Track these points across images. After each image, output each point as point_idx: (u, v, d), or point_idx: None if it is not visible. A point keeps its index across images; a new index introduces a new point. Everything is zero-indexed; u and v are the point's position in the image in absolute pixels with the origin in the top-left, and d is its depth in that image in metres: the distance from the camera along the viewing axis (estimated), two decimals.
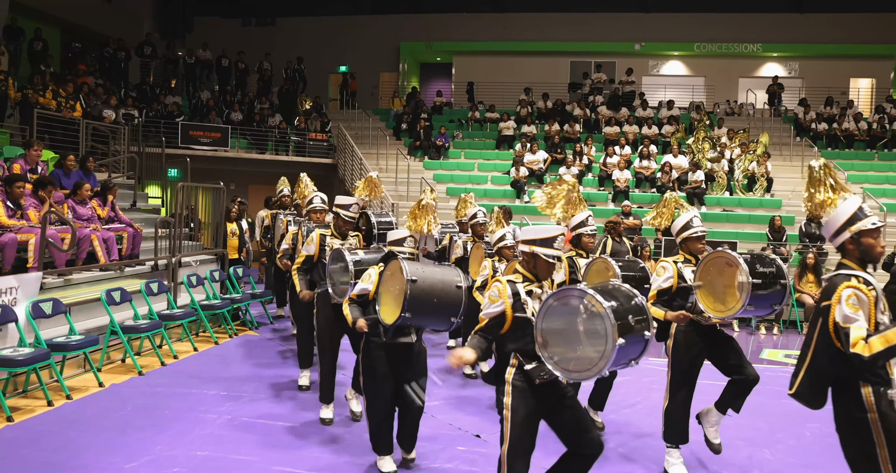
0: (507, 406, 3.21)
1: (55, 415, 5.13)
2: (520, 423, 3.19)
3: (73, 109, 10.69)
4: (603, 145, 15.27)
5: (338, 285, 4.77)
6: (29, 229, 6.59)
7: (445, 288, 3.69)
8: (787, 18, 19.34)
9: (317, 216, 6.14)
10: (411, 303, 3.60)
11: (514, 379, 3.21)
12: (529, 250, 3.30)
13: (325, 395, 5.16)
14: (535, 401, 3.21)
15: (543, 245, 3.28)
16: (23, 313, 5.70)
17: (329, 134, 16.87)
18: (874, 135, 15.59)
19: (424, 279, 3.63)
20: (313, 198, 6.27)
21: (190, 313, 7.46)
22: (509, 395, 3.21)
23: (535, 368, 3.17)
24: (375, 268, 4.16)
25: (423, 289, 3.62)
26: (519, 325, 3.21)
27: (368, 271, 4.15)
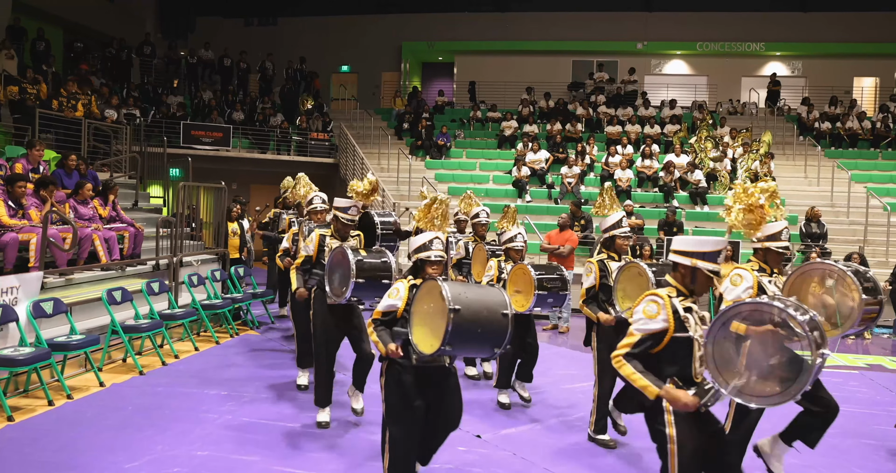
0: (672, 439, 2.88)
1: (56, 415, 5.12)
2: (689, 456, 2.87)
3: (75, 108, 10.70)
4: (605, 145, 15.24)
5: (336, 286, 4.64)
6: (30, 229, 6.60)
7: (491, 316, 3.20)
8: (790, 17, 19.29)
9: (318, 216, 6.06)
10: (453, 335, 3.12)
11: (675, 408, 2.88)
12: (691, 264, 3.02)
13: (321, 398, 5.02)
14: (698, 431, 2.91)
15: (706, 259, 3.00)
16: (24, 312, 5.70)
17: (331, 134, 16.88)
18: (878, 134, 15.54)
19: (468, 307, 3.15)
20: (313, 198, 6.21)
21: (191, 312, 7.46)
22: (672, 426, 2.89)
23: (699, 393, 2.82)
24: (404, 282, 3.62)
25: (467, 318, 3.13)
26: (678, 345, 2.92)
27: (396, 286, 3.62)
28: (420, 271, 3.67)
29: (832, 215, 12.73)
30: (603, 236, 4.93)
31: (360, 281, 4.43)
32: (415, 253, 3.70)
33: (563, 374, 6.82)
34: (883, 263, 11.12)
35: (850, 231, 12.18)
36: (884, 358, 8.13)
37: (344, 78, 21.50)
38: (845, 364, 7.67)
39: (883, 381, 6.94)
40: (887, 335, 9.66)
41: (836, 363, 7.71)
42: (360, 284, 4.44)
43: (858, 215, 12.35)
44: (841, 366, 7.57)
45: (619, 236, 4.81)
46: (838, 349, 5.96)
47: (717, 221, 12.79)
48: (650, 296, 3.02)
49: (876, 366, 7.67)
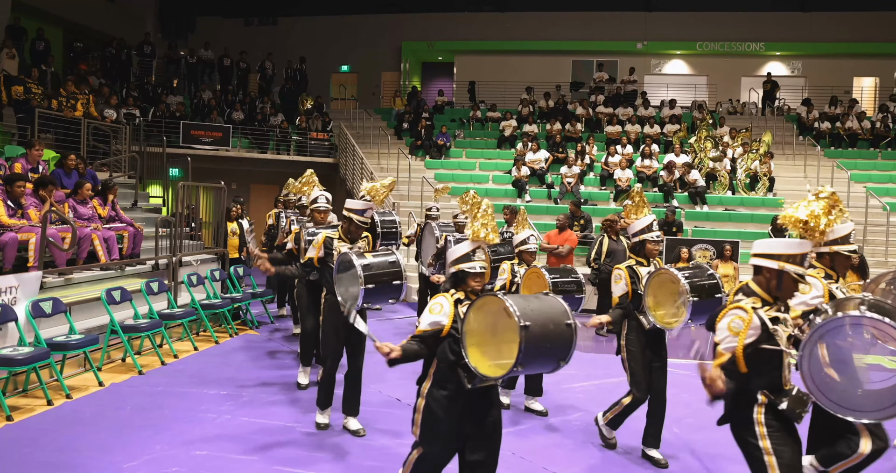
0: (769, 451, 2.81)
1: (55, 414, 5.12)
2: (788, 465, 2.81)
3: (74, 108, 10.70)
4: (604, 144, 15.24)
5: (345, 292, 4.39)
6: (29, 229, 6.60)
7: (557, 329, 2.95)
8: (790, 17, 19.30)
9: (320, 216, 5.97)
10: (526, 354, 2.81)
11: (767, 420, 2.84)
12: (777, 267, 2.88)
13: (322, 399, 4.99)
14: (793, 440, 2.86)
15: (793, 262, 2.86)
16: (23, 312, 5.70)
17: (330, 133, 16.88)
18: (877, 134, 15.54)
19: (536, 321, 2.86)
20: (318, 197, 6.09)
21: (190, 312, 7.46)
22: (766, 438, 2.82)
23: (794, 404, 2.79)
24: (447, 297, 3.26)
25: (537, 334, 2.85)
26: (767, 357, 2.81)
27: (438, 301, 3.26)
28: (461, 283, 3.33)
29: None
30: (632, 240, 4.66)
31: (370, 286, 4.21)
32: (455, 264, 3.36)
33: (564, 374, 6.79)
34: (882, 263, 11.12)
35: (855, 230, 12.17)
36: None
37: (344, 78, 21.51)
38: None
39: None
40: None
41: None
42: (371, 289, 4.22)
43: (858, 214, 12.34)
44: None
45: (650, 240, 4.55)
46: None
47: (716, 220, 12.82)
48: (735, 310, 2.84)
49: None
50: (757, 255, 2.99)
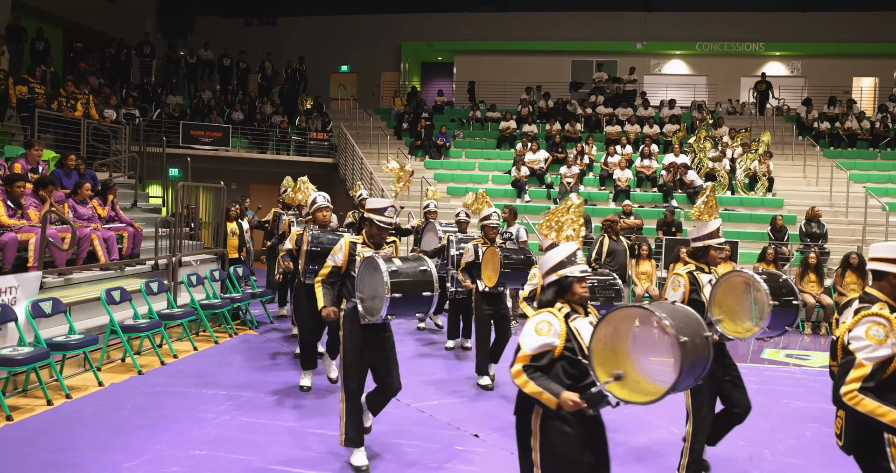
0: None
1: (54, 414, 5.13)
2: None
3: (74, 108, 10.70)
4: (604, 145, 15.25)
5: (369, 302, 4.08)
6: (29, 229, 6.60)
7: (700, 342, 2.61)
8: (790, 17, 19.31)
9: (323, 215, 5.87)
10: (685, 374, 2.47)
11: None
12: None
13: (352, 438, 4.29)
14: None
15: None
16: (22, 312, 5.71)
17: (330, 134, 16.89)
18: (877, 134, 15.55)
19: (687, 334, 2.52)
20: (316, 197, 5.99)
21: (190, 312, 7.47)
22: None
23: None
24: (554, 312, 2.89)
25: (690, 349, 2.51)
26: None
27: (545, 318, 2.87)
28: (566, 292, 2.96)
29: (831, 214, 12.73)
30: (692, 245, 4.33)
31: (397, 296, 3.80)
32: (554, 271, 2.99)
33: None
34: None
35: (848, 231, 12.18)
36: None
37: (343, 78, 21.52)
38: None
39: None
40: None
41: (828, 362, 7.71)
42: (397, 299, 3.82)
43: (857, 214, 12.36)
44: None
45: (715, 246, 4.25)
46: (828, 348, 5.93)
47: None
48: (870, 317, 2.62)
49: None
50: (878, 259, 2.78)
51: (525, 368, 2.80)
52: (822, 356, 7.90)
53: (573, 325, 2.84)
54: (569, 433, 2.80)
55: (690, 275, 4.14)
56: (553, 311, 2.91)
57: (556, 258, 3.02)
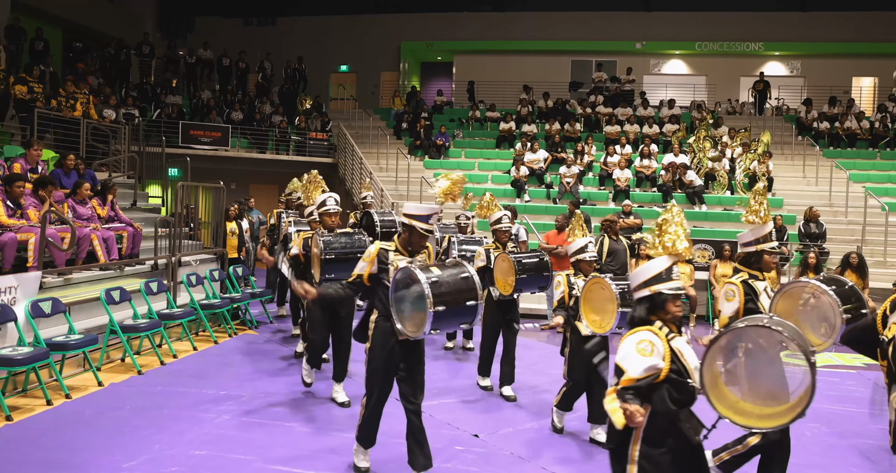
0: None
1: (54, 414, 5.13)
2: None
3: (74, 108, 10.69)
4: (603, 144, 15.25)
5: (407, 316, 3.76)
6: (29, 229, 6.60)
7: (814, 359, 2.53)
8: (789, 17, 19.31)
9: (331, 220, 5.46)
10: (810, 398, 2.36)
11: None
12: None
13: (365, 438, 4.17)
14: None
15: None
16: (22, 312, 5.70)
17: (329, 133, 16.88)
18: (876, 134, 15.55)
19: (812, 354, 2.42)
20: (326, 200, 5.51)
21: (189, 312, 7.46)
22: None
23: None
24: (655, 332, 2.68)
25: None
26: None
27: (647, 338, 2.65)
28: (658, 309, 2.78)
29: (830, 214, 12.74)
30: (743, 250, 4.09)
31: (440, 309, 3.46)
32: (647, 285, 2.80)
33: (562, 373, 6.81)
34: (881, 263, 11.13)
35: (848, 231, 12.19)
36: None
37: (343, 78, 21.53)
38: (843, 364, 7.68)
39: (881, 380, 6.92)
40: None
41: (834, 362, 7.72)
42: (440, 313, 3.48)
43: (857, 214, 12.37)
44: (839, 365, 7.59)
45: (769, 251, 3.99)
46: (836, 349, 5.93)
47: (715, 220, 12.82)
48: None
49: (874, 365, 7.65)
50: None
51: (623, 390, 2.59)
52: (822, 357, 7.90)
53: (675, 345, 2.65)
54: (669, 461, 2.62)
55: (745, 284, 3.89)
56: (654, 330, 2.70)
57: (650, 272, 2.82)
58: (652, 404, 2.62)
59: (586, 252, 4.94)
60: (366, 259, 4.05)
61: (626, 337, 2.73)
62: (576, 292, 4.82)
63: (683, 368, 2.65)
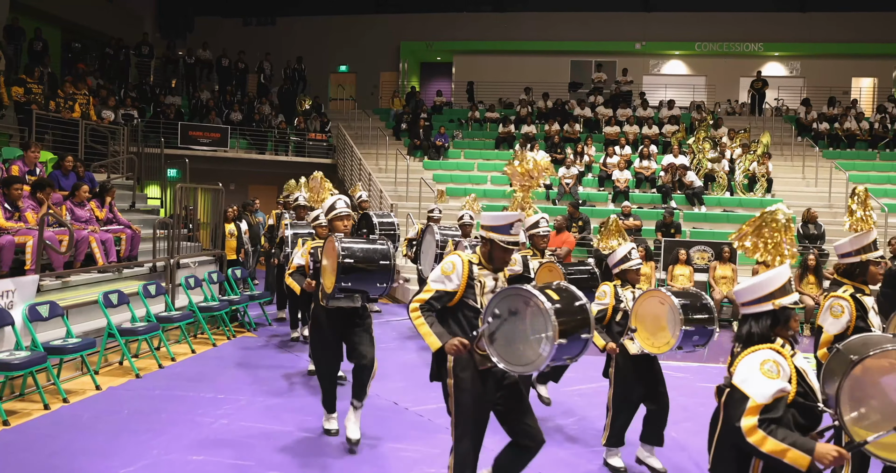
0: None
1: (52, 419, 5.12)
2: None
3: (72, 109, 10.67)
4: (603, 145, 15.24)
5: (507, 347, 3.10)
6: (27, 231, 6.58)
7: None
8: (789, 17, 19.31)
9: (344, 225, 4.81)
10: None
11: None
12: None
13: None
14: None
15: None
16: (19, 316, 5.69)
17: (329, 134, 16.87)
18: (876, 134, 15.54)
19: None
20: (336, 202, 4.88)
21: (188, 315, 7.45)
22: None
23: None
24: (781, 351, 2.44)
25: None
26: None
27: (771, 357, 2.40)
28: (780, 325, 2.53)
29: (830, 215, 12.72)
30: (844, 260, 3.77)
31: (563, 342, 2.89)
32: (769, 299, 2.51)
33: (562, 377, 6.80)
34: None
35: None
36: None
37: (342, 78, 21.52)
38: None
39: None
40: None
41: None
42: (562, 346, 2.93)
43: None
44: None
45: (875, 261, 3.69)
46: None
47: (714, 222, 12.82)
48: None
49: None
50: None
51: (760, 422, 2.29)
52: None
53: (799, 365, 2.43)
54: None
55: (855, 299, 3.57)
56: (777, 348, 2.44)
57: (773, 285, 2.51)
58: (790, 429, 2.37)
59: (631, 260, 4.44)
60: (450, 272, 3.38)
61: (743, 357, 2.45)
62: (624, 305, 4.30)
63: (810, 390, 2.43)
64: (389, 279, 4.52)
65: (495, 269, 3.48)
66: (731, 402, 2.38)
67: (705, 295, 4.14)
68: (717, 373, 6.78)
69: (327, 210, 4.91)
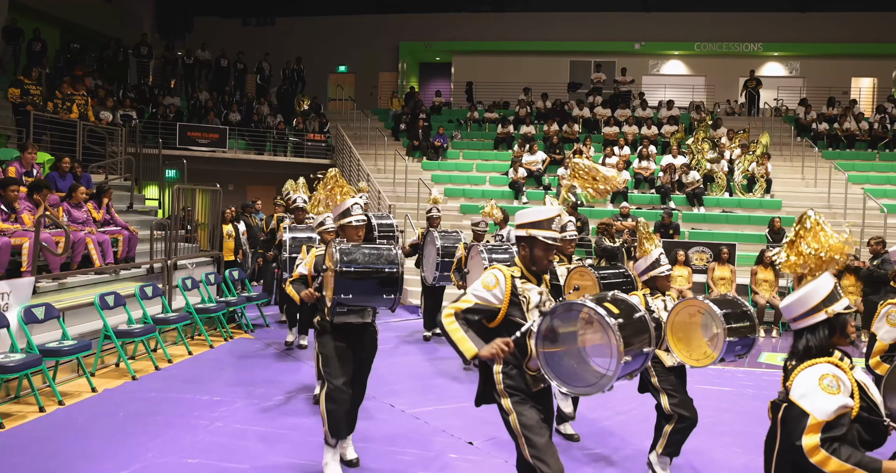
0: None
1: (47, 421, 5.10)
2: None
3: (70, 110, 10.66)
4: (602, 146, 15.23)
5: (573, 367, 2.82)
6: (23, 233, 6.57)
7: None
8: (789, 17, 19.30)
9: (358, 235, 4.29)
10: None
11: None
12: None
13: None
14: None
15: None
16: (15, 318, 5.68)
17: (327, 134, 16.86)
18: (875, 135, 15.53)
19: None
20: (352, 207, 4.31)
21: (184, 317, 7.44)
22: None
23: None
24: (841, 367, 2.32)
25: None
26: None
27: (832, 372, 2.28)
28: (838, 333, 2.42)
29: (829, 216, 12.68)
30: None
31: (629, 359, 2.63)
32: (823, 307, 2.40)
33: None
34: None
35: None
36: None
37: (341, 78, 21.52)
38: None
39: None
40: None
41: None
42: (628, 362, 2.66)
43: (855, 216, 12.32)
44: None
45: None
46: None
47: (713, 222, 12.80)
48: None
49: None
50: None
51: (822, 441, 2.17)
52: None
53: (859, 379, 2.33)
54: None
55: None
56: (836, 362, 2.33)
57: (822, 293, 2.40)
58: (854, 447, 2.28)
59: (661, 266, 4.12)
60: (494, 285, 3.00)
61: (799, 371, 2.33)
62: (655, 314, 3.92)
63: (873, 404, 2.33)
64: (397, 290, 3.91)
65: (538, 276, 3.11)
66: (789, 419, 2.27)
67: (744, 301, 3.87)
68: (713, 374, 6.76)
69: (340, 214, 4.33)
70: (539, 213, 3.09)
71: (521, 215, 3.12)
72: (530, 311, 3.03)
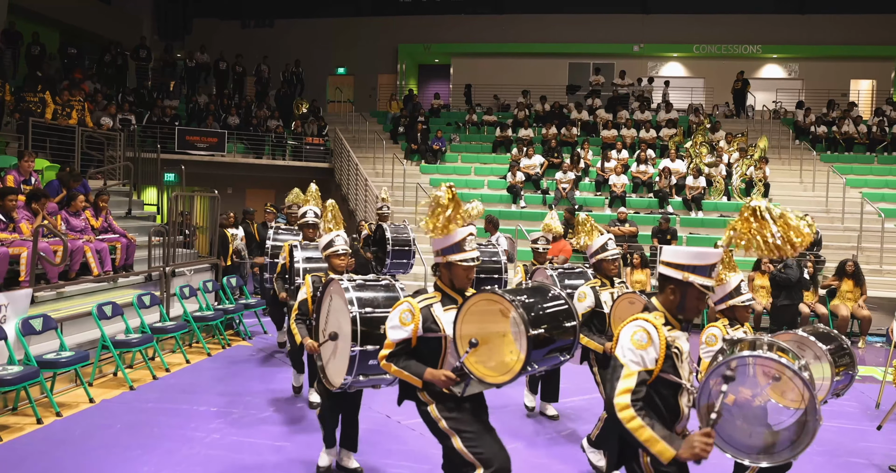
0: None
1: (44, 434, 5.12)
2: None
3: (69, 116, 10.68)
4: (600, 149, 15.23)
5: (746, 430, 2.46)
6: (21, 243, 6.59)
7: None
8: (788, 19, 19.30)
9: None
10: None
11: None
12: None
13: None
14: None
15: None
16: (12, 330, 5.70)
17: (326, 138, 16.87)
18: (874, 138, 15.53)
19: None
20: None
21: (182, 325, 7.45)
22: None
23: None
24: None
25: None
26: None
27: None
28: None
29: (827, 221, 12.72)
30: None
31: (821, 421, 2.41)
32: None
33: None
34: (877, 270, 11.11)
35: (844, 238, 12.16)
36: (875, 369, 8.12)
37: (340, 80, 21.53)
38: None
39: (873, 394, 6.89)
40: (880, 343, 9.66)
41: None
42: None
43: (853, 221, 12.34)
44: None
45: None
46: None
47: (711, 227, 12.81)
48: None
49: (867, 377, 7.66)
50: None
51: None
52: None
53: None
54: None
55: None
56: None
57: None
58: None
59: (741, 295, 3.78)
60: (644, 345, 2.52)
61: None
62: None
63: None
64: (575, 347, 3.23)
65: (684, 324, 2.70)
66: None
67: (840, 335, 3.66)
68: None
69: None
70: (703, 256, 2.63)
71: (681, 254, 2.65)
72: (683, 362, 2.61)
